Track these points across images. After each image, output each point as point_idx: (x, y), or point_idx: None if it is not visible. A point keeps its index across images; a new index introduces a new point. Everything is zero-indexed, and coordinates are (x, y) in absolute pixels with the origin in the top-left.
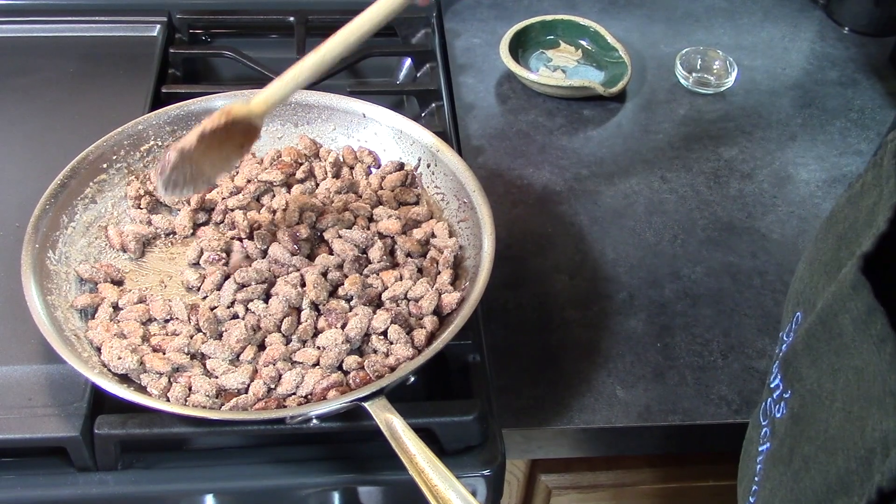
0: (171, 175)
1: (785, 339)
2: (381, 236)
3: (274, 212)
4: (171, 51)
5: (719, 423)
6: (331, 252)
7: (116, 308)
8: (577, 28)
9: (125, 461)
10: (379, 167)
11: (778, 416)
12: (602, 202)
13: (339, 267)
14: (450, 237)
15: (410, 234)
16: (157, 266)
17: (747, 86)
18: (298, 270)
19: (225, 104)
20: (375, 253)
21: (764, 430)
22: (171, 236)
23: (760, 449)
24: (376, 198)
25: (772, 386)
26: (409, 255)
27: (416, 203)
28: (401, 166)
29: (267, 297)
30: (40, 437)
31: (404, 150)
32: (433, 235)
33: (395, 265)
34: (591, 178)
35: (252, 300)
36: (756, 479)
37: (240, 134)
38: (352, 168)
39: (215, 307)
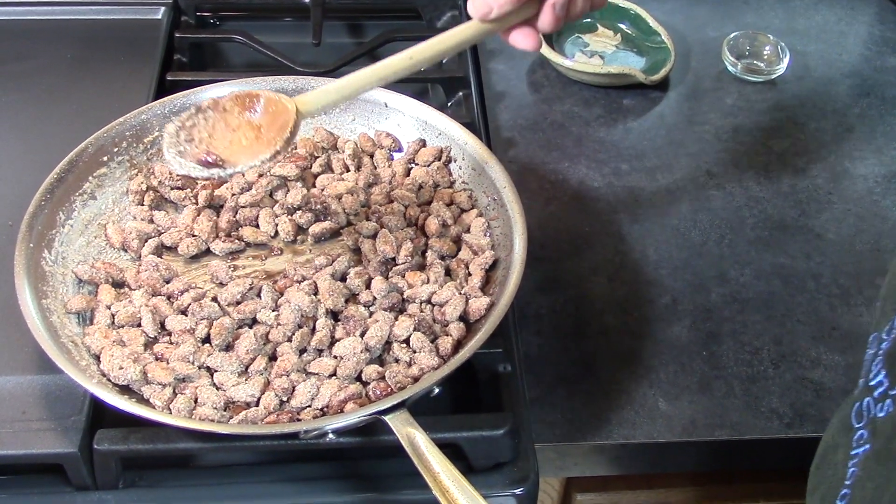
0: (182, 131)
1: (885, 337)
2: (421, 234)
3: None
4: (177, 35)
5: (770, 438)
6: (359, 253)
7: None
8: (616, 10)
9: (127, 479)
10: (401, 151)
11: (881, 414)
12: (643, 199)
13: (357, 264)
14: (484, 236)
15: (447, 231)
16: None
17: (800, 73)
18: (307, 279)
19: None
20: (403, 253)
21: (859, 432)
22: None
23: (853, 453)
24: (417, 183)
25: (872, 384)
26: (442, 257)
27: (452, 185)
28: (423, 143)
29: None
30: (35, 454)
31: (429, 142)
32: (467, 230)
33: (422, 266)
34: (632, 173)
35: (259, 310)
36: (847, 482)
37: (275, 128)
38: (371, 156)
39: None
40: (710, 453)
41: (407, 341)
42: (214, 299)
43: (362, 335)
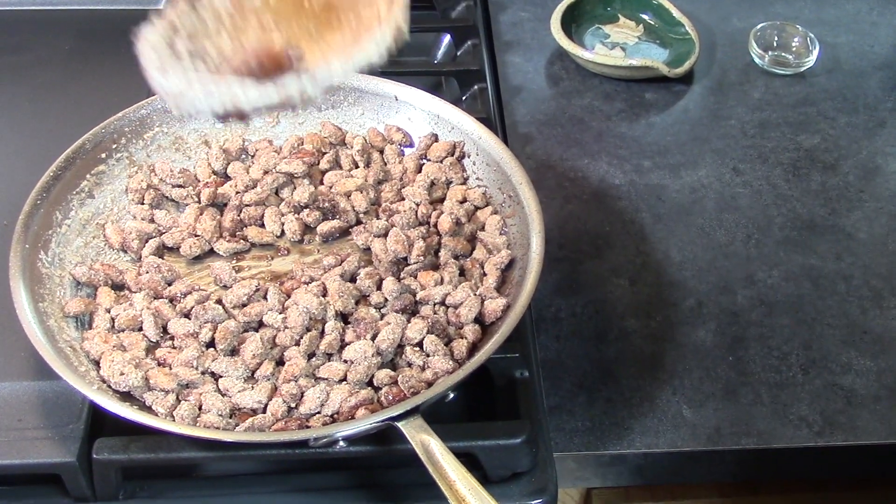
0: (178, 40)
1: None
2: (434, 233)
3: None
4: None
5: (799, 446)
6: (369, 253)
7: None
8: (638, 0)
9: (127, 490)
10: (412, 146)
11: None
12: (666, 197)
13: (367, 266)
14: (500, 235)
15: (461, 230)
16: None
17: (830, 65)
18: (315, 280)
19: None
20: (415, 253)
21: None
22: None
23: None
24: (429, 180)
25: None
26: (456, 256)
27: (465, 182)
28: (436, 137)
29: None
30: (31, 464)
31: (441, 137)
32: (482, 228)
33: (435, 266)
34: (654, 170)
35: (265, 313)
36: None
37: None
38: (381, 151)
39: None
40: (737, 463)
41: (420, 344)
42: (219, 302)
43: (373, 338)
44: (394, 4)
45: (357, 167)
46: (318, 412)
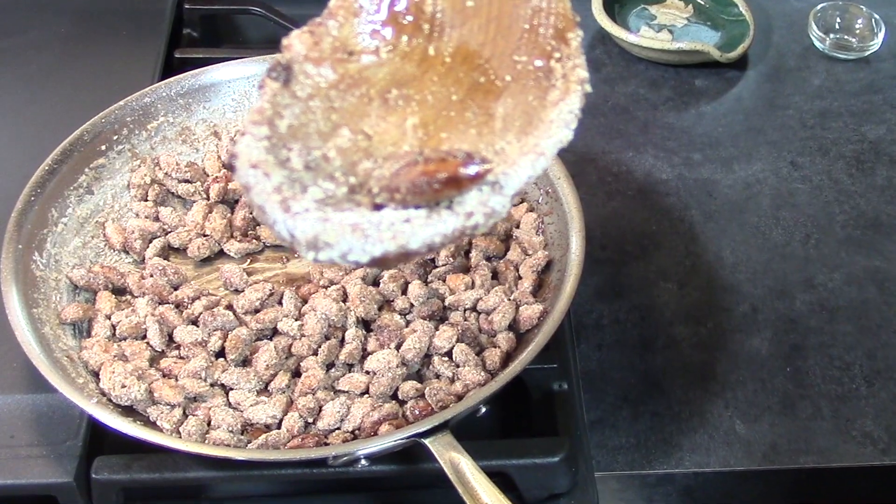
0: (280, 148)
1: None
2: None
3: None
4: (186, 6)
5: (862, 465)
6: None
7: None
8: None
9: None
10: None
11: None
12: (718, 193)
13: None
14: (536, 234)
15: (494, 228)
16: None
17: None
18: (334, 283)
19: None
20: (444, 254)
21: None
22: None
23: None
24: None
25: None
26: (488, 258)
27: None
28: None
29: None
30: (25, 484)
31: None
32: (517, 226)
33: (466, 269)
34: (705, 164)
35: (280, 319)
36: None
37: (510, 48)
38: None
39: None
40: (794, 483)
41: (449, 354)
42: (229, 307)
43: (398, 347)
44: (572, 50)
45: None
46: (338, 428)
